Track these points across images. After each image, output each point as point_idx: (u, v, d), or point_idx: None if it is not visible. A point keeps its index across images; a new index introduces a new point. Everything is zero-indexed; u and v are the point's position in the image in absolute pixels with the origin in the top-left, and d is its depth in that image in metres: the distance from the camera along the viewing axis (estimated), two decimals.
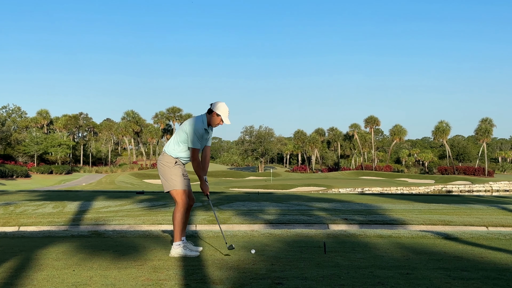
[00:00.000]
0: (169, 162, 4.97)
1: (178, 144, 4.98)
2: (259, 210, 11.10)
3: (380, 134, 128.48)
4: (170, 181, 4.94)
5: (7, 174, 58.11)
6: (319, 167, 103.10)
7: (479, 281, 3.79)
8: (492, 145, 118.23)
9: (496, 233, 6.77)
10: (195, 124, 4.92)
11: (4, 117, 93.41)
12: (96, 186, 49.91)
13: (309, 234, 6.39)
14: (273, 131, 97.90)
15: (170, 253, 4.83)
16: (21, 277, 3.82)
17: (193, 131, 4.88)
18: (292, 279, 3.78)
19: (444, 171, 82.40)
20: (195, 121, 4.95)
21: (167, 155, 4.99)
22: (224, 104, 4.99)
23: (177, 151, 4.98)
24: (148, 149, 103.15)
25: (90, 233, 6.38)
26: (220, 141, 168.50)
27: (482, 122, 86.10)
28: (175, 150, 4.98)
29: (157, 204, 12.53)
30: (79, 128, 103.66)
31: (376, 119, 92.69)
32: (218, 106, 4.96)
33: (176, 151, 4.98)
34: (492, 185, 58.22)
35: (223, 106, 4.97)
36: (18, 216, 9.64)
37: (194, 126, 4.90)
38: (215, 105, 4.97)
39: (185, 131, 4.94)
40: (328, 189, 47.06)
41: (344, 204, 12.91)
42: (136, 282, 3.68)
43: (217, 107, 4.95)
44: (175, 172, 4.95)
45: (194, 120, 4.97)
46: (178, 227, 4.88)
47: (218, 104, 4.97)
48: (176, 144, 4.98)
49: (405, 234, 6.46)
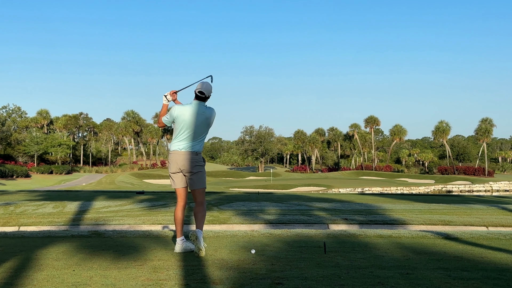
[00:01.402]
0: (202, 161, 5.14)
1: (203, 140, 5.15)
2: (259, 210, 11.10)
3: (380, 134, 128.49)
4: (204, 179, 5.12)
5: (7, 174, 58.12)
6: (319, 167, 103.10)
7: (479, 281, 3.79)
8: (492, 145, 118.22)
9: (496, 233, 6.76)
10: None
11: (4, 117, 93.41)
12: (96, 186, 49.89)
13: (309, 234, 6.39)
14: (273, 131, 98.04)
15: (175, 249, 4.96)
16: (21, 277, 3.82)
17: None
18: (292, 279, 3.77)
19: (444, 171, 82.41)
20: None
21: (200, 154, 5.08)
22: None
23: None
24: (148, 149, 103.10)
25: (90, 233, 6.38)
26: (220, 141, 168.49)
27: (482, 122, 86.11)
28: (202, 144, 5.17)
29: (157, 204, 12.53)
30: (79, 128, 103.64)
31: (376, 119, 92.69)
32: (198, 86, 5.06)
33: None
34: (492, 185, 58.22)
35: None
36: (18, 216, 9.64)
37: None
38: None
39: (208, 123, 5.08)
40: (328, 189, 47.07)
41: (344, 204, 12.91)
42: (136, 282, 3.68)
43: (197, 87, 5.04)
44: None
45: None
46: (200, 222, 5.02)
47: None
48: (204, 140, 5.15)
49: (405, 234, 6.45)
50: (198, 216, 5.03)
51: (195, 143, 4.96)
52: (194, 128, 4.91)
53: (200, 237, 4.76)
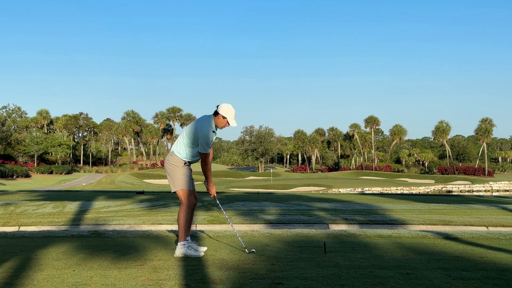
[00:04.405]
0: (178, 162, 4.94)
1: (186, 147, 4.93)
2: (259, 210, 11.10)
3: (380, 134, 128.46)
4: (178, 180, 4.91)
5: (7, 174, 58.11)
6: (319, 167, 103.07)
7: (479, 281, 3.79)
8: (492, 145, 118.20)
9: (496, 233, 6.76)
10: (205, 130, 4.83)
11: (4, 117, 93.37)
12: (96, 186, 49.89)
13: (309, 234, 6.39)
14: (273, 131, 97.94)
15: (175, 253, 4.83)
16: (21, 277, 3.82)
17: (204, 137, 4.82)
18: (292, 279, 3.77)
19: (444, 171, 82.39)
20: (203, 126, 4.86)
21: (176, 156, 4.96)
22: (230, 106, 4.91)
23: (185, 153, 4.94)
24: (148, 149, 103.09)
25: (90, 233, 6.38)
26: (220, 141, 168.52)
27: (482, 122, 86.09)
28: (184, 152, 4.94)
29: (157, 204, 12.53)
30: (79, 128, 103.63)
31: (376, 119, 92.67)
32: (224, 108, 4.88)
33: (184, 153, 4.94)
34: (492, 185, 58.21)
35: (230, 108, 4.90)
36: (18, 216, 9.64)
37: (204, 131, 4.83)
38: (222, 107, 4.89)
39: (194, 134, 4.87)
40: (328, 189, 47.05)
41: (344, 204, 12.91)
42: (136, 282, 3.68)
43: (223, 110, 4.87)
44: (183, 172, 4.93)
45: (202, 125, 4.88)
46: (183, 227, 4.87)
47: (224, 107, 4.89)
48: (185, 146, 4.93)
49: (405, 234, 6.46)
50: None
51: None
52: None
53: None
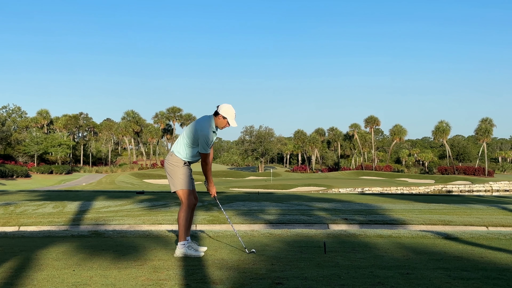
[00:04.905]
0: (178, 162, 4.94)
1: (186, 147, 4.93)
2: (259, 210, 11.09)
3: (380, 134, 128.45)
4: (178, 180, 4.91)
5: (7, 174, 58.12)
6: (319, 167, 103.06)
7: (479, 281, 3.79)
8: (492, 145, 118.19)
9: (496, 233, 6.77)
10: (205, 130, 4.84)
11: (4, 117, 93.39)
12: (96, 186, 49.89)
13: (309, 234, 6.39)
14: (273, 131, 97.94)
15: (175, 253, 4.84)
16: (21, 277, 3.82)
17: (204, 138, 4.82)
18: (292, 279, 3.77)
19: (444, 171, 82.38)
20: (204, 126, 4.87)
21: (176, 156, 4.96)
22: (230, 107, 4.93)
23: (185, 153, 4.94)
24: (148, 149, 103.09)
25: (90, 233, 6.38)
26: (220, 141, 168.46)
27: (482, 122, 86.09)
28: (184, 152, 4.94)
29: (157, 204, 12.53)
30: (79, 128, 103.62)
31: (376, 119, 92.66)
32: (224, 108, 4.89)
33: (184, 153, 4.94)
34: (492, 185, 58.20)
35: (230, 108, 4.91)
36: (18, 216, 9.64)
37: (205, 132, 4.83)
38: (222, 107, 4.90)
39: (194, 135, 4.87)
40: (328, 189, 47.04)
41: (344, 204, 12.91)
42: (136, 282, 3.68)
43: (223, 110, 4.89)
44: (183, 172, 4.93)
45: (202, 125, 4.88)
46: (183, 227, 4.87)
47: (224, 107, 4.90)
48: (185, 146, 4.93)
49: (405, 234, 6.45)
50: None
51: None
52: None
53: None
